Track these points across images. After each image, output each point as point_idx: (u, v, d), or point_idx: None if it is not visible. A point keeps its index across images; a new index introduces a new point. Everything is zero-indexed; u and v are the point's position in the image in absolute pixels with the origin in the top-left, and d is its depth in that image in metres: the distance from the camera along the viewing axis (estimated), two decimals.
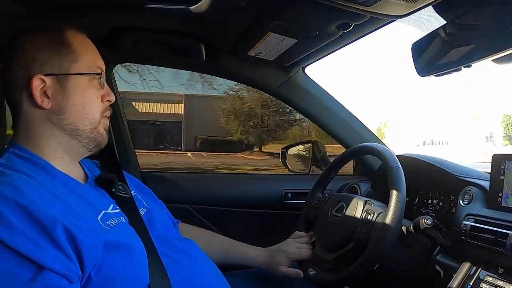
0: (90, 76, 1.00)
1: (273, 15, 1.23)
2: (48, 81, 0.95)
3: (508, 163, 1.17)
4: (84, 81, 0.99)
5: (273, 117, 9.64)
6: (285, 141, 9.35)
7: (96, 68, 1.02)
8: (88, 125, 0.99)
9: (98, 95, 1.02)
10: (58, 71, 0.96)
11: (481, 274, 1.11)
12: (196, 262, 1.08)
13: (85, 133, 1.00)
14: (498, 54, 0.93)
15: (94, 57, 1.03)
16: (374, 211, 1.24)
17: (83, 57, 0.99)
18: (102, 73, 1.03)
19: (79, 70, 0.98)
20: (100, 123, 1.02)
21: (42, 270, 0.75)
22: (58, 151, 0.98)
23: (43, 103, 0.94)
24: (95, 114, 1.01)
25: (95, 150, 1.05)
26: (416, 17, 1.08)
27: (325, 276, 1.27)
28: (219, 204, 1.93)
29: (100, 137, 1.03)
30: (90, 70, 1.00)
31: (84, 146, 1.01)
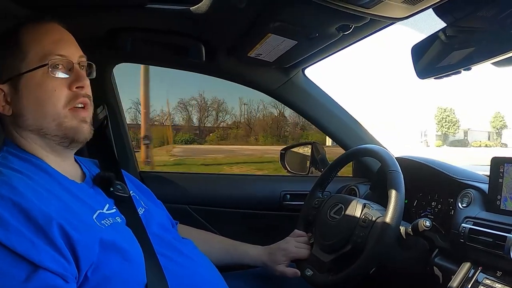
0: (43, 68, 0.94)
1: (273, 16, 1.23)
2: (5, 88, 0.95)
3: (507, 166, 1.17)
4: (37, 76, 0.95)
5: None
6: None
7: (51, 56, 0.95)
8: (51, 122, 0.96)
9: (59, 86, 0.95)
10: (10, 75, 0.95)
11: (479, 277, 1.11)
12: (194, 262, 1.08)
13: (52, 131, 0.96)
14: (498, 57, 0.93)
15: (48, 44, 0.97)
16: (373, 215, 1.24)
17: (31, 51, 0.95)
18: (61, 60, 0.96)
19: (28, 66, 0.95)
20: (67, 117, 0.96)
21: (37, 269, 0.75)
22: (41, 150, 0.98)
23: (4, 110, 0.96)
24: (55, 108, 0.95)
25: (74, 146, 1.01)
26: (416, 19, 1.08)
27: (322, 277, 1.28)
28: (218, 205, 1.93)
29: (72, 133, 0.97)
30: (40, 62, 0.94)
31: (58, 143, 0.98)
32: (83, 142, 1.01)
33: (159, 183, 1.91)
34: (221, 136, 39.61)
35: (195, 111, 37.85)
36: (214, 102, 47.16)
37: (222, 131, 42.69)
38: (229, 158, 19.19)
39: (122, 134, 1.89)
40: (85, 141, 1.02)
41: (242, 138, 46.15)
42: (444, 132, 57.18)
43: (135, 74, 8.84)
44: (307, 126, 25.96)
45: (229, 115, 44.92)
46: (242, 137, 46.83)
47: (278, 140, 41.58)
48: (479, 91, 57.46)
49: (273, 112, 39.00)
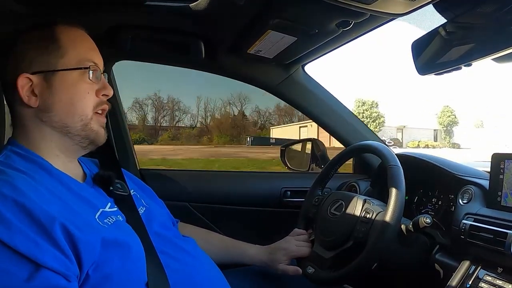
0: (80, 70, 0.98)
1: (273, 12, 1.23)
2: (35, 79, 0.95)
3: (507, 162, 1.17)
4: (73, 76, 0.97)
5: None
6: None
7: (87, 61, 1.00)
8: (78, 121, 0.98)
9: (90, 90, 1.00)
10: (44, 68, 0.96)
11: (480, 273, 1.11)
12: (195, 260, 1.08)
13: (76, 130, 0.99)
14: (498, 53, 0.93)
15: (86, 51, 1.02)
16: (373, 210, 1.24)
17: (70, 52, 0.98)
18: (95, 67, 1.01)
19: (66, 65, 0.97)
20: (92, 119, 1.00)
21: (40, 269, 0.75)
22: (53, 149, 0.98)
23: (30, 101, 0.95)
24: (86, 110, 0.99)
25: (90, 148, 1.04)
26: (416, 15, 1.08)
27: (324, 274, 1.27)
28: (218, 202, 1.93)
29: (94, 135, 1.02)
30: (79, 65, 0.98)
31: (76, 143, 1.01)
32: (98, 145, 1.05)
33: (159, 181, 1.91)
34: (174, 136, 39.83)
35: (152, 111, 38.21)
36: (169, 101, 47.05)
37: (174, 131, 42.85)
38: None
39: (122, 132, 1.89)
40: (99, 145, 1.05)
41: (195, 138, 46.35)
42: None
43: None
44: (267, 125, 25.97)
45: (185, 114, 44.94)
46: (195, 137, 47.03)
47: (232, 140, 41.67)
48: (422, 82, 48.94)
49: (234, 110, 39.09)
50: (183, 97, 40.35)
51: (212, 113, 48.19)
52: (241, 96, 54.27)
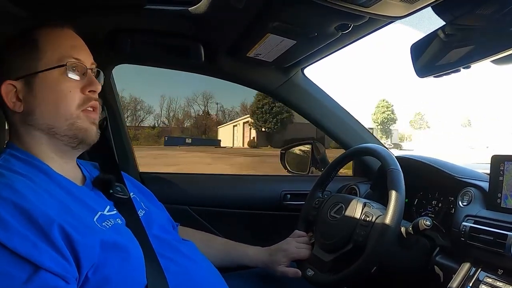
0: (59, 69, 0.97)
1: (272, 16, 1.23)
2: (18, 85, 0.96)
3: (507, 164, 1.17)
4: (53, 76, 0.97)
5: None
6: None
7: (67, 58, 0.98)
8: (64, 121, 0.98)
9: (73, 88, 0.98)
10: (25, 73, 0.97)
11: (480, 275, 1.11)
12: (195, 263, 1.08)
13: (63, 131, 0.98)
14: (497, 55, 0.93)
15: (66, 48, 1.00)
16: (373, 213, 1.24)
17: (49, 52, 0.98)
18: (76, 63, 0.99)
19: (45, 66, 0.97)
20: (80, 117, 0.99)
21: (38, 271, 0.75)
22: (46, 151, 0.99)
23: (15, 107, 0.97)
24: (69, 109, 0.98)
25: (81, 147, 1.03)
26: (415, 18, 1.08)
27: (323, 277, 1.27)
28: (218, 205, 1.93)
29: (82, 133, 1.00)
30: (57, 64, 0.97)
31: (66, 144, 1.00)
32: (90, 144, 1.03)
33: (159, 184, 1.91)
34: (133, 137, 39.58)
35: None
36: (131, 101, 46.51)
37: (134, 130, 42.52)
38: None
39: (121, 135, 1.89)
40: (91, 144, 1.04)
41: (153, 138, 46.08)
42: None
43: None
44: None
45: (149, 114, 44.45)
46: (154, 137, 46.76)
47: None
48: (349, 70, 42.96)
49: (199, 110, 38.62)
50: (147, 97, 40.23)
51: (175, 113, 47.73)
52: (205, 95, 53.90)
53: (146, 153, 25.31)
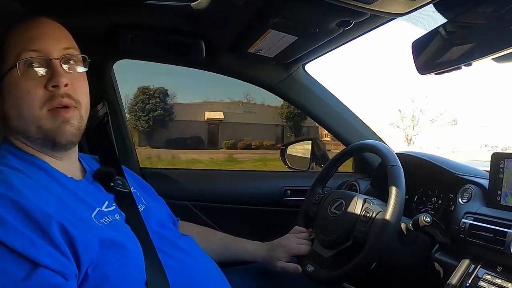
0: (14, 70, 0.90)
1: (273, 12, 1.23)
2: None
3: (507, 161, 1.17)
4: (13, 78, 0.91)
5: None
6: None
7: (24, 53, 0.90)
8: (31, 124, 0.91)
9: (33, 86, 0.90)
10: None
11: (479, 272, 1.11)
12: (194, 258, 1.08)
13: (33, 134, 0.93)
14: (498, 52, 0.93)
15: (23, 42, 0.91)
16: (373, 210, 1.24)
17: (9, 51, 0.92)
18: (36, 57, 0.91)
19: (6, 67, 0.91)
20: (45, 118, 0.91)
21: (37, 267, 0.75)
22: (35, 150, 0.96)
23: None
24: (31, 110, 0.90)
25: (58, 148, 0.96)
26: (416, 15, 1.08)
27: (323, 273, 1.28)
28: (218, 201, 1.94)
29: (52, 134, 0.92)
30: (14, 62, 0.90)
31: (42, 146, 0.95)
32: (67, 144, 0.96)
33: (160, 179, 1.91)
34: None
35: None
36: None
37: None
38: None
39: (122, 130, 1.89)
40: (70, 144, 0.97)
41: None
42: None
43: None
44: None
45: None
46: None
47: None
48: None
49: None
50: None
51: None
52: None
53: None
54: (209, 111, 21.94)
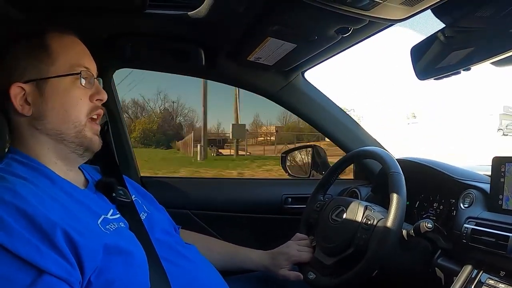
0: (72, 76, 0.98)
1: (272, 19, 1.23)
2: (27, 88, 0.95)
3: (508, 165, 1.17)
4: (65, 83, 0.97)
5: None
6: None
7: (79, 67, 0.99)
8: (72, 128, 0.98)
9: (83, 96, 0.99)
10: (36, 77, 0.96)
11: (482, 277, 1.11)
12: (197, 266, 1.08)
13: (70, 138, 0.98)
14: (497, 56, 0.93)
15: (76, 56, 1.01)
16: (374, 217, 1.24)
17: (61, 58, 0.98)
18: (87, 72, 1.00)
19: (57, 72, 0.96)
20: (86, 126, 1.00)
21: (42, 274, 0.75)
22: (50, 156, 0.98)
23: (23, 110, 0.95)
24: (79, 116, 0.98)
25: (87, 155, 1.04)
26: (415, 21, 1.08)
27: (325, 280, 1.27)
28: (219, 209, 1.93)
29: (88, 142, 1.01)
30: (70, 71, 0.98)
31: (72, 151, 1.00)
32: (94, 152, 1.05)
33: (160, 188, 1.91)
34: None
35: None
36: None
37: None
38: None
39: (122, 139, 1.89)
40: (95, 152, 1.05)
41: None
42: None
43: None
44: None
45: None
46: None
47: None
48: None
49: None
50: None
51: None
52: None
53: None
54: None
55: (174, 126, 28.73)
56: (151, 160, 16.65)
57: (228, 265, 1.37)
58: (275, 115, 26.47)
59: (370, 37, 1.40)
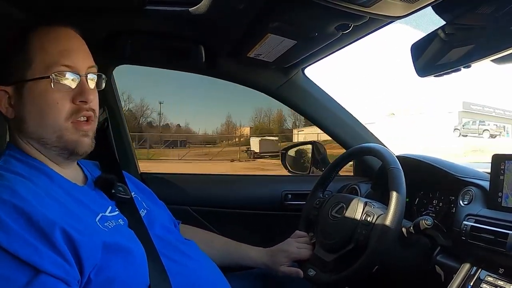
0: (47, 80, 0.92)
1: (272, 16, 1.23)
2: (10, 90, 0.94)
3: (508, 163, 1.17)
4: (40, 86, 0.92)
5: None
6: None
7: (57, 66, 0.93)
8: (52, 133, 0.94)
9: (61, 98, 0.93)
10: (16, 79, 0.94)
11: (481, 274, 1.11)
12: (197, 263, 1.08)
13: (52, 142, 0.95)
14: (497, 54, 0.93)
15: (55, 54, 0.94)
16: (374, 213, 1.24)
17: (37, 59, 0.93)
18: (65, 71, 0.93)
19: (32, 75, 0.92)
20: (68, 129, 0.94)
21: (39, 274, 0.75)
22: (43, 156, 0.97)
23: (7, 113, 0.95)
24: (57, 120, 0.93)
25: (73, 158, 1.00)
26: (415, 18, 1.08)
27: (325, 277, 1.27)
28: (219, 206, 1.93)
29: (73, 145, 0.96)
30: (45, 73, 0.92)
31: (58, 154, 0.97)
32: (83, 155, 1.00)
33: (160, 185, 1.91)
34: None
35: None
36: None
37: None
38: None
39: (122, 135, 1.89)
40: (85, 154, 1.00)
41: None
42: None
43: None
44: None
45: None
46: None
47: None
48: None
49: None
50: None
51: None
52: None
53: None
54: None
55: (137, 127, 29.11)
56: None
57: (227, 261, 1.37)
58: (247, 116, 26.53)
59: (370, 34, 1.40)
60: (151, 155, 21.10)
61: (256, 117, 25.77)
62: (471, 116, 31.88)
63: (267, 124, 23.55)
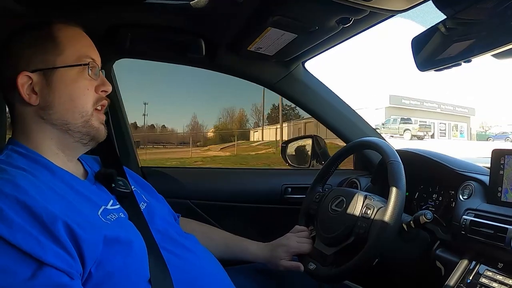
0: (79, 67, 0.99)
1: (272, 10, 1.23)
2: (34, 77, 0.95)
3: (507, 158, 1.17)
4: (72, 73, 0.98)
5: None
6: None
7: (86, 58, 1.00)
8: (79, 118, 0.99)
9: (89, 86, 1.01)
10: (43, 66, 0.96)
11: (480, 269, 1.11)
12: (197, 256, 1.09)
13: (76, 127, 0.99)
14: (498, 49, 0.92)
15: (83, 47, 1.02)
16: (374, 206, 1.24)
17: (68, 49, 0.98)
18: (93, 63, 1.01)
19: (64, 62, 0.97)
20: (93, 116, 1.01)
21: (43, 267, 0.75)
22: (52, 147, 0.99)
23: (30, 99, 0.95)
24: (86, 106, 0.99)
25: (91, 144, 1.04)
26: (416, 12, 1.08)
27: (325, 270, 1.28)
28: (219, 199, 1.94)
29: (94, 131, 1.02)
30: (77, 61, 0.99)
31: (77, 140, 1.01)
32: (99, 142, 1.06)
33: (160, 178, 1.91)
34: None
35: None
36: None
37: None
38: None
39: (123, 130, 1.90)
40: (100, 141, 1.06)
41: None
42: None
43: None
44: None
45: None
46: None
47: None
48: None
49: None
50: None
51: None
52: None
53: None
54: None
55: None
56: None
57: (227, 255, 1.38)
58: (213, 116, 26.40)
59: (370, 28, 1.40)
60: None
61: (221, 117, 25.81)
62: (402, 113, 29.10)
63: (225, 124, 23.56)
